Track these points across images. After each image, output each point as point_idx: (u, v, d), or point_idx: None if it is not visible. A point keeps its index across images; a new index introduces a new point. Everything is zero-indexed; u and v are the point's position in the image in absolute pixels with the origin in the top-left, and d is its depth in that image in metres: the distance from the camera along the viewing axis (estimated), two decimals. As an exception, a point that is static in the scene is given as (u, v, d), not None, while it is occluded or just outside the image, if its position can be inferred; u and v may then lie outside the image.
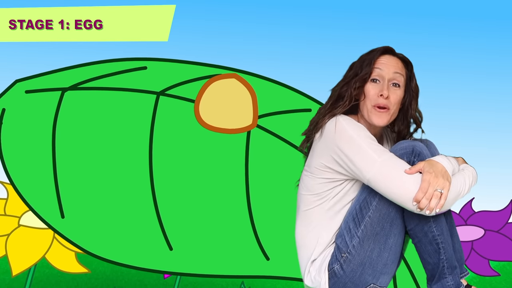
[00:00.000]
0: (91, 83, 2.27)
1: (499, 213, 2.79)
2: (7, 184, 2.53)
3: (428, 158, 1.51)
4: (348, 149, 1.49)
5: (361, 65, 1.60)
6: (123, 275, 2.71)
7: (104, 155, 2.23)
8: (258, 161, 2.26)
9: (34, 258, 2.53)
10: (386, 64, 1.59)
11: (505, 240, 2.75)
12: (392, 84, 1.59)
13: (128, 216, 2.21)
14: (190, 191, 2.24)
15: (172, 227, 2.23)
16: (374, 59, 1.59)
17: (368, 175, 1.47)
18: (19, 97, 2.26)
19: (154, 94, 2.27)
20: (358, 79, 1.58)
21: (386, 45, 1.63)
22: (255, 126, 2.26)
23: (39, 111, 2.23)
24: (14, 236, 2.54)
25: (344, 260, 1.53)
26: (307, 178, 1.60)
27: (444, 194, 1.42)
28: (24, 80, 2.27)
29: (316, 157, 1.57)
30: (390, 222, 1.51)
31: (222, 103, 2.26)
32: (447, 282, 1.51)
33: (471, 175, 1.55)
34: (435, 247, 1.49)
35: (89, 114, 2.24)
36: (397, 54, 1.63)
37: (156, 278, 2.72)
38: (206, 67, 2.32)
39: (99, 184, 2.22)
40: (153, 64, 2.31)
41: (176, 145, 2.25)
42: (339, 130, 1.51)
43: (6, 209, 2.55)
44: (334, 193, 1.57)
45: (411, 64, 1.64)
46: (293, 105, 2.29)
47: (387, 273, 1.55)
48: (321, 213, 1.58)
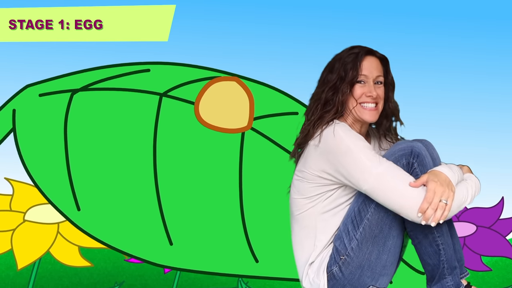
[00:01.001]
0: (98, 85, 2.40)
1: (491, 210, 2.83)
2: (12, 180, 2.60)
3: (427, 158, 1.51)
4: (345, 159, 1.48)
5: (344, 68, 1.60)
6: (124, 270, 2.76)
7: (112, 152, 2.37)
8: (251, 161, 2.37)
9: (38, 252, 2.59)
10: (369, 67, 1.60)
11: (496, 236, 2.79)
12: (376, 82, 1.61)
13: (133, 210, 2.36)
14: (189, 187, 2.36)
15: (173, 224, 2.35)
16: (358, 62, 1.59)
17: (365, 186, 1.46)
18: (31, 100, 2.38)
19: (158, 95, 2.40)
20: (347, 83, 1.59)
21: (364, 46, 1.64)
22: (250, 127, 2.38)
23: (51, 112, 2.37)
24: (19, 231, 2.58)
25: (342, 263, 1.52)
26: (299, 182, 1.60)
27: (448, 204, 1.41)
28: (35, 85, 2.39)
29: (310, 163, 1.56)
30: (389, 224, 1.50)
31: (221, 104, 2.38)
32: (447, 282, 1.51)
33: (474, 185, 1.54)
34: (435, 248, 1.49)
35: (98, 113, 2.38)
36: (376, 54, 1.65)
37: (157, 274, 2.76)
38: (206, 70, 2.46)
39: (108, 180, 2.36)
40: (156, 67, 2.45)
41: (178, 144, 2.38)
42: (337, 140, 1.50)
43: (11, 205, 2.60)
44: (326, 196, 1.56)
45: (387, 60, 1.66)
46: (281, 108, 2.40)
47: (386, 275, 1.55)
48: (315, 215, 1.58)
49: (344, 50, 1.63)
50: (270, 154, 2.38)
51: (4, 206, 2.60)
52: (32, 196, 2.57)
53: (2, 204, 2.59)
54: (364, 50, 1.62)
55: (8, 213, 2.59)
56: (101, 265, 2.71)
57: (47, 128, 2.37)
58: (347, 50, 1.63)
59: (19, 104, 2.38)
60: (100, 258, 2.68)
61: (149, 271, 2.76)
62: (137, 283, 2.76)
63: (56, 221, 2.58)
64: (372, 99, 1.59)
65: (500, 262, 2.91)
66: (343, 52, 1.63)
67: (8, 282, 2.66)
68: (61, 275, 2.69)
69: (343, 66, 1.60)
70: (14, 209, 2.59)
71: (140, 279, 2.76)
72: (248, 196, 2.36)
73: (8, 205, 2.60)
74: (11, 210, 2.59)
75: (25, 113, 2.36)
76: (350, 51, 1.62)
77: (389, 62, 1.67)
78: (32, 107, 2.37)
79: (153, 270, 2.75)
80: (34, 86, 2.39)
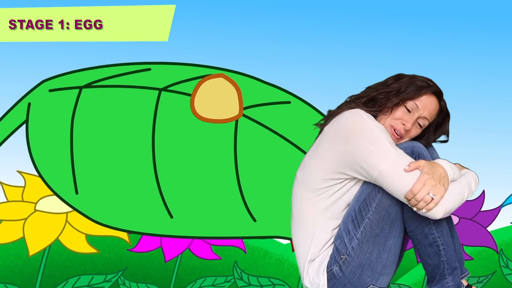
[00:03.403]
0: (103, 82, 2.55)
1: (473, 202, 2.89)
2: (24, 173, 2.68)
3: (427, 159, 1.51)
4: (367, 137, 1.45)
5: (408, 87, 1.57)
6: (127, 260, 2.84)
7: (114, 141, 2.56)
8: (245, 145, 2.58)
9: (48, 240, 2.69)
10: (426, 104, 1.58)
11: (478, 227, 2.85)
12: (418, 123, 1.59)
13: (134, 192, 2.57)
14: (187, 167, 2.59)
15: (172, 200, 2.58)
16: (422, 93, 1.57)
17: (383, 166, 1.43)
18: (44, 94, 2.54)
19: (157, 90, 2.57)
20: (398, 99, 1.56)
21: (439, 87, 1.62)
22: (241, 115, 2.55)
23: (62, 105, 2.55)
24: (30, 220, 2.69)
25: (343, 262, 1.52)
26: (307, 170, 1.56)
27: (435, 199, 1.39)
28: (50, 80, 2.55)
29: (325, 143, 1.53)
30: (390, 224, 1.50)
31: (213, 98, 2.54)
32: (447, 282, 1.52)
33: (472, 180, 1.54)
34: (435, 249, 1.49)
35: (102, 107, 2.57)
36: (441, 101, 1.63)
37: (157, 263, 2.84)
38: (202, 68, 2.63)
39: (109, 166, 2.56)
40: (156, 66, 2.61)
41: (175, 132, 2.59)
42: (359, 120, 1.48)
43: (23, 196, 2.70)
44: (332, 192, 1.55)
45: (446, 114, 1.64)
46: (273, 98, 2.58)
47: (387, 274, 1.55)
48: (317, 212, 1.57)
49: (423, 77, 1.62)
50: (262, 138, 2.59)
51: (16, 197, 2.69)
52: (42, 188, 2.67)
53: (14, 195, 2.69)
54: (435, 89, 1.60)
55: (20, 203, 2.69)
56: (104, 255, 2.80)
57: (56, 120, 2.54)
58: (424, 77, 1.62)
59: (34, 98, 2.54)
60: (104, 249, 2.79)
61: (151, 261, 2.85)
62: (139, 272, 2.84)
63: (65, 211, 2.67)
64: (403, 130, 1.56)
65: (483, 252, 2.97)
66: (420, 77, 1.62)
67: (16, 271, 2.71)
68: (67, 265, 2.80)
69: (409, 85, 1.58)
70: (26, 200, 2.70)
71: (142, 268, 2.85)
72: (244, 171, 2.58)
73: (21, 196, 2.70)
74: (23, 200, 2.69)
75: (38, 106, 2.53)
76: (425, 80, 1.61)
77: (448, 118, 1.65)
78: (45, 100, 2.54)
79: (154, 260, 2.82)
80: (49, 81, 2.55)
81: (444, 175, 1.43)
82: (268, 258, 2.88)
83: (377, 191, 1.51)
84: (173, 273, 2.83)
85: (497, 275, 2.98)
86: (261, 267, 2.87)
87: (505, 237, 2.98)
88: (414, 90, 1.56)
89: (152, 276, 2.83)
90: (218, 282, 2.85)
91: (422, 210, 1.40)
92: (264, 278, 2.86)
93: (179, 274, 2.82)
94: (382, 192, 1.50)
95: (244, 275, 2.85)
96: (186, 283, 2.86)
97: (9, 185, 2.70)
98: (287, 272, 2.86)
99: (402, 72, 1.67)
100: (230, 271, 2.85)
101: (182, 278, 2.82)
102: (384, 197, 1.50)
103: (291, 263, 2.87)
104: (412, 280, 2.96)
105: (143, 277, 2.82)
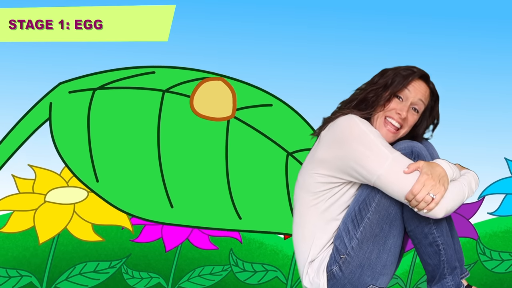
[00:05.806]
0: (113, 84, 2.72)
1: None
2: (35, 166, 2.78)
3: (427, 159, 1.49)
4: (362, 143, 1.44)
5: (394, 78, 1.57)
6: (130, 250, 2.95)
7: (125, 136, 2.75)
8: (235, 142, 2.79)
9: (57, 229, 2.79)
10: (416, 88, 1.57)
11: (461, 219, 2.92)
12: (413, 108, 1.58)
13: (142, 181, 2.78)
14: (186, 162, 2.78)
15: (173, 191, 2.78)
16: (409, 79, 1.56)
17: (380, 171, 1.42)
18: (63, 95, 2.70)
19: (161, 91, 2.75)
20: (388, 92, 1.55)
21: (424, 70, 1.62)
22: (233, 116, 2.75)
23: (78, 105, 2.74)
24: (40, 210, 2.77)
25: (343, 262, 1.51)
26: (306, 174, 1.56)
27: (436, 199, 1.38)
28: (66, 82, 2.71)
29: (321, 149, 1.53)
30: (389, 224, 1.49)
31: (210, 98, 2.72)
32: (447, 282, 1.51)
33: (472, 179, 1.54)
34: (435, 248, 1.48)
35: (113, 106, 2.76)
36: (429, 83, 1.61)
37: (158, 254, 2.92)
38: (203, 72, 2.82)
39: (122, 158, 2.76)
40: (160, 69, 2.79)
41: (177, 130, 2.78)
42: (353, 125, 1.47)
43: (34, 188, 2.79)
44: (331, 194, 1.54)
45: (437, 96, 1.63)
46: (258, 101, 2.81)
47: (386, 274, 1.54)
48: (316, 214, 1.56)
49: (406, 66, 1.61)
50: (250, 137, 2.80)
51: (27, 189, 2.78)
52: (51, 180, 2.80)
53: (25, 187, 2.78)
54: (420, 73, 1.60)
55: (30, 195, 2.78)
56: (108, 247, 2.92)
57: (75, 118, 2.72)
58: (406, 66, 1.61)
59: (54, 98, 2.69)
60: (108, 240, 2.91)
61: (152, 251, 2.94)
62: (140, 262, 2.92)
63: (72, 202, 2.79)
64: (399, 118, 1.55)
65: (468, 244, 3.02)
66: (402, 66, 1.61)
67: (24, 262, 2.78)
68: (75, 253, 2.92)
69: (394, 76, 1.58)
70: (36, 191, 2.78)
71: (144, 258, 2.94)
72: (233, 167, 2.78)
73: (31, 188, 2.79)
74: (33, 192, 2.78)
75: (59, 106, 2.68)
76: (409, 68, 1.61)
77: (438, 100, 1.64)
78: (64, 101, 2.70)
79: (156, 250, 2.88)
80: (66, 84, 2.71)
81: (443, 175, 1.42)
82: (263, 249, 2.99)
83: (376, 191, 1.51)
84: (173, 263, 2.94)
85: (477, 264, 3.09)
86: (257, 258, 2.96)
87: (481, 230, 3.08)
88: (401, 81, 1.56)
89: (153, 265, 2.92)
90: (216, 271, 2.98)
91: (423, 211, 1.40)
92: (258, 264, 2.98)
93: (178, 263, 2.93)
94: (382, 192, 1.50)
95: (240, 261, 2.98)
96: (186, 272, 2.98)
97: (21, 178, 2.79)
98: (281, 262, 2.97)
99: None
100: (227, 261, 2.97)
101: (181, 268, 2.93)
102: (384, 197, 1.49)
103: (285, 254, 3.00)
104: (399, 270, 3.02)
105: (145, 266, 2.91)
